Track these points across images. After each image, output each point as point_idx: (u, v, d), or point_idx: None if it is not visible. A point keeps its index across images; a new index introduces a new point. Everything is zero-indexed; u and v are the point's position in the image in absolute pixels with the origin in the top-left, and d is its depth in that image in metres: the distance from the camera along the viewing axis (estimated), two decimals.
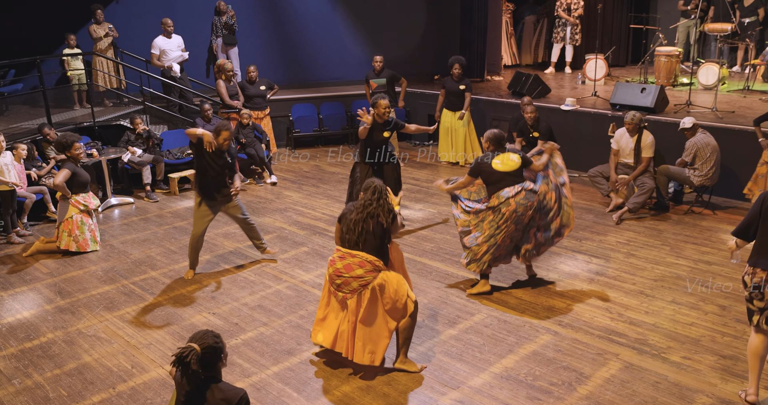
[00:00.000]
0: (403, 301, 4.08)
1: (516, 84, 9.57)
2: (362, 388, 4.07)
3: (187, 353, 2.67)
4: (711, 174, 6.65)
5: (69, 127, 8.36)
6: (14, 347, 4.68)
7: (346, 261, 4.06)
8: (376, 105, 6.20)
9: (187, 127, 9.21)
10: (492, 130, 5.24)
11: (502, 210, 4.97)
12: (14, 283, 5.77)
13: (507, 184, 5.01)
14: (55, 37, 9.56)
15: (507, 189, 4.99)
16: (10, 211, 6.72)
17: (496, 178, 5.05)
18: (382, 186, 4.15)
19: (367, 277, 4.03)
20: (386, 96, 6.38)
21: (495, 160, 5.08)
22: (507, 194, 4.97)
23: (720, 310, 4.90)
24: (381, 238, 4.10)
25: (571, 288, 5.35)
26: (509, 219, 4.96)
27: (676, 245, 6.14)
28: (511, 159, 5.09)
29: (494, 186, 5.06)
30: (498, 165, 5.06)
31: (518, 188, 4.99)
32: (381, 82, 9.07)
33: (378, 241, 4.09)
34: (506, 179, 5.03)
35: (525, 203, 4.96)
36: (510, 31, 12.58)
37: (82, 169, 6.44)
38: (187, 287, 5.57)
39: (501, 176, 5.04)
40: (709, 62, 9.46)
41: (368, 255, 4.04)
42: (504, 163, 5.07)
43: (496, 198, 5.01)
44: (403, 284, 4.12)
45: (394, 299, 4.06)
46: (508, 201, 4.95)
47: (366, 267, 4.03)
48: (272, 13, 11.29)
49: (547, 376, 4.13)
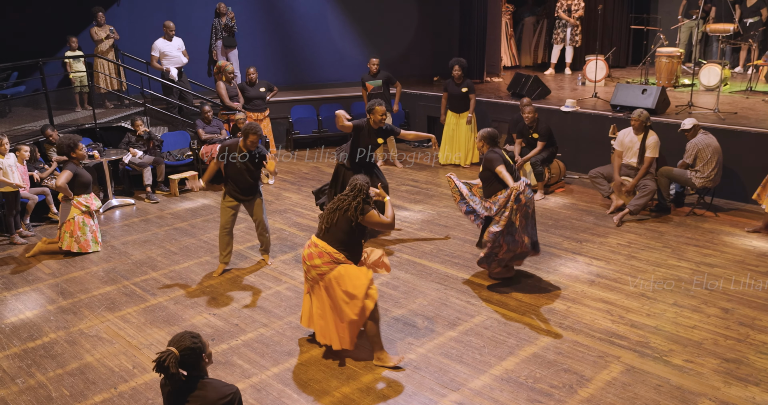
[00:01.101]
0: (361, 298, 4.12)
1: (516, 85, 9.57)
2: (362, 389, 4.07)
3: (165, 357, 2.71)
4: (713, 176, 6.64)
5: (70, 128, 8.37)
6: (17, 347, 4.69)
7: (310, 249, 4.24)
8: (373, 111, 6.17)
9: (188, 128, 9.23)
10: (485, 129, 5.39)
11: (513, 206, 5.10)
12: (17, 284, 5.78)
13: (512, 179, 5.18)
14: (57, 40, 9.57)
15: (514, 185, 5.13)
16: (13, 212, 6.73)
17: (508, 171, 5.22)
18: (363, 185, 4.24)
19: (324, 267, 4.16)
20: (383, 102, 6.38)
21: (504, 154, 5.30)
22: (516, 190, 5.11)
23: (723, 313, 4.89)
24: (348, 233, 4.20)
25: (572, 290, 5.34)
26: (519, 212, 5.09)
27: (677, 247, 6.13)
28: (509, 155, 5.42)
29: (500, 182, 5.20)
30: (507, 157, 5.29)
31: (522, 183, 5.14)
32: (377, 84, 9.09)
33: (344, 235, 4.19)
34: (514, 173, 5.24)
35: (529, 197, 5.14)
36: (510, 32, 12.58)
37: (84, 170, 6.46)
38: (187, 288, 5.58)
39: (512, 169, 5.25)
40: (711, 63, 9.46)
41: (329, 246, 4.17)
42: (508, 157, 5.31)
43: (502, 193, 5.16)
44: (364, 282, 4.15)
45: (350, 294, 4.13)
46: (518, 197, 5.10)
47: (324, 258, 4.16)
48: (272, 15, 11.30)
49: (548, 379, 4.12)
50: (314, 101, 10.79)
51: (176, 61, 9.44)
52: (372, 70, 9.08)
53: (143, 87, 9.31)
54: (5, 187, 6.55)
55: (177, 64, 9.45)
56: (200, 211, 7.64)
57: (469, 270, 5.76)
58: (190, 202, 8.04)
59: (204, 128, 8.58)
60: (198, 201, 8.07)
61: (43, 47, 9.47)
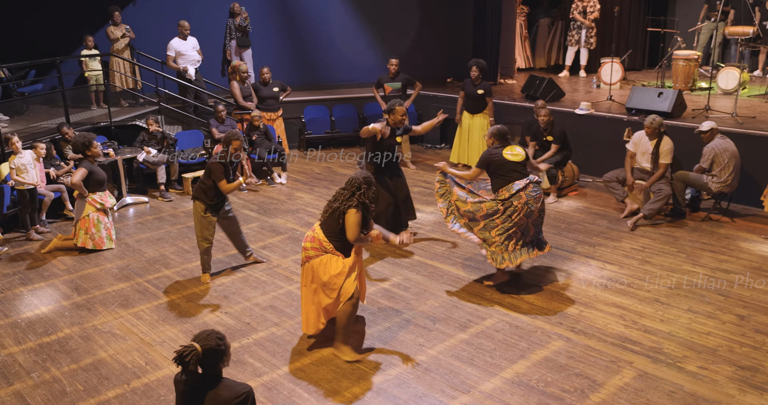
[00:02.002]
0: (336, 290, 4.29)
1: (530, 87, 9.52)
2: (373, 390, 4.06)
3: (188, 353, 2.70)
4: (730, 180, 6.57)
5: (86, 126, 8.45)
6: (33, 341, 4.74)
7: (308, 233, 4.47)
8: (393, 111, 6.14)
9: (201, 127, 9.28)
10: (496, 126, 5.38)
11: (514, 203, 5.04)
12: (33, 279, 5.84)
13: (516, 177, 5.12)
14: (74, 39, 9.67)
15: (517, 182, 5.09)
16: (29, 210, 6.80)
17: (507, 169, 5.15)
18: (359, 181, 4.31)
19: (311, 252, 4.37)
20: (402, 102, 6.34)
21: (506, 151, 5.21)
22: (518, 186, 5.07)
23: (738, 320, 4.84)
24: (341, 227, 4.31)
25: (585, 294, 5.31)
26: (521, 211, 5.03)
27: (692, 253, 6.07)
28: (517, 151, 5.26)
29: (503, 178, 5.14)
30: (509, 155, 5.18)
31: (527, 181, 5.10)
32: (396, 86, 9.02)
33: (336, 227, 4.32)
34: (516, 171, 5.15)
35: (534, 195, 5.07)
36: (524, 34, 12.52)
37: (99, 168, 6.51)
38: (200, 286, 5.61)
39: (512, 167, 5.16)
40: (729, 66, 9.36)
41: (322, 234, 4.36)
42: (514, 154, 5.21)
43: (506, 190, 5.09)
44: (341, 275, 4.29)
45: (325, 283, 4.31)
46: (519, 194, 5.04)
47: (314, 243, 4.37)
48: (286, 15, 11.33)
49: (559, 383, 4.10)
50: (327, 102, 10.81)
51: (192, 60, 9.50)
52: (391, 72, 8.98)
53: (158, 86, 9.37)
54: (20, 185, 6.63)
55: (192, 63, 9.51)
56: None
57: (480, 272, 5.74)
58: None
59: (218, 127, 8.63)
60: None
61: (60, 46, 9.57)
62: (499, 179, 5.16)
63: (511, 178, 5.12)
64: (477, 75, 8.70)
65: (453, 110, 9.43)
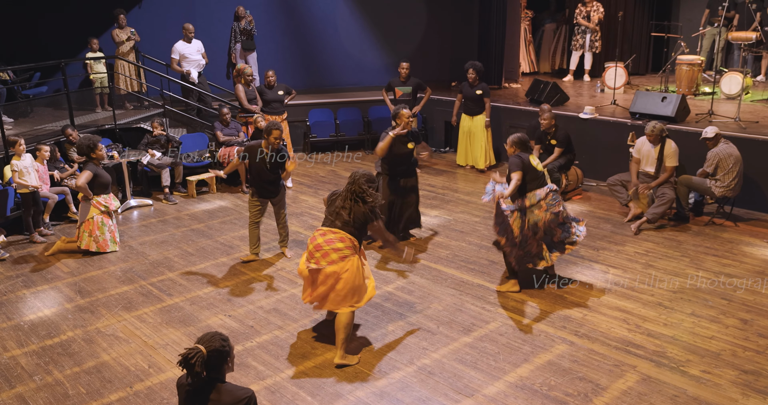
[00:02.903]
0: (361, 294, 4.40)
1: (534, 91, 9.53)
2: (376, 393, 4.06)
3: (193, 355, 2.70)
4: (733, 185, 6.56)
5: (91, 129, 8.48)
6: (35, 344, 4.75)
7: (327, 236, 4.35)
8: (399, 115, 6.15)
9: (206, 130, 9.31)
10: (516, 134, 5.37)
11: (535, 211, 5.11)
12: (36, 282, 5.85)
13: (538, 185, 5.17)
14: (79, 41, 9.71)
15: (539, 191, 5.14)
16: (31, 212, 6.82)
17: (530, 178, 5.17)
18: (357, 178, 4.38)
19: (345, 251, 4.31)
20: (407, 106, 6.34)
21: (531, 159, 5.24)
22: (540, 196, 5.13)
23: (741, 324, 4.83)
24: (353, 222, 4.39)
25: (588, 298, 5.30)
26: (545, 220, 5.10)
27: (696, 257, 6.06)
28: (538, 161, 5.32)
29: (527, 185, 5.16)
30: (534, 163, 5.23)
31: (547, 190, 5.16)
32: (407, 91, 9.03)
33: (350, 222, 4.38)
34: (538, 179, 5.19)
35: (553, 204, 5.14)
36: (528, 38, 12.54)
37: (104, 170, 6.53)
38: (203, 289, 5.62)
39: (536, 175, 5.19)
40: (732, 71, 9.35)
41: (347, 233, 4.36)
42: (537, 162, 5.28)
43: (528, 199, 5.15)
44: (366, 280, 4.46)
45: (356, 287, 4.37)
46: (540, 203, 5.11)
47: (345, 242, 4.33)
48: (291, 19, 11.37)
49: (563, 387, 4.09)
50: (332, 105, 10.82)
51: (196, 63, 9.53)
52: (402, 75, 9.00)
53: (163, 89, 9.40)
54: (22, 188, 6.65)
55: (197, 66, 9.54)
56: (217, 213, 7.70)
57: (484, 276, 5.74)
58: (207, 203, 8.10)
59: (222, 130, 8.65)
60: (215, 203, 8.13)
61: (65, 49, 9.61)
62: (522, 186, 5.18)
63: (533, 186, 5.16)
64: (474, 77, 8.74)
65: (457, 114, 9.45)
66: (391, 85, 9.11)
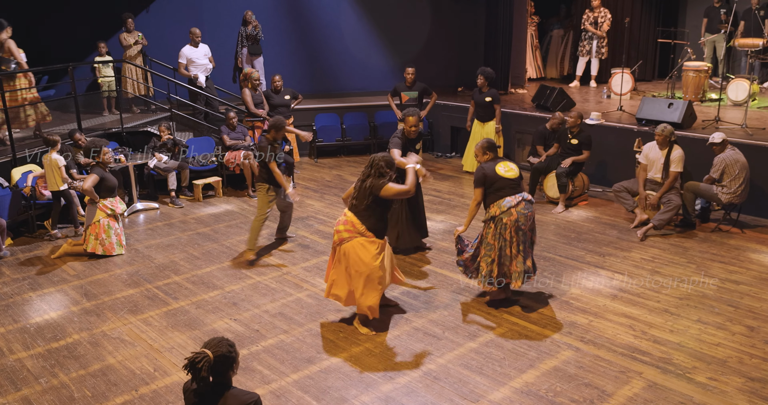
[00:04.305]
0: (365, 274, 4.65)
1: (540, 97, 9.54)
2: (381, 398, 4.06)
3: (200, 359, 2.71)
4: (740, 191, 6.54)
5: (98, 132, 8.53)
6: (41, 347, 4.76)
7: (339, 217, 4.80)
8: (405, 121, 6.14)
9: (213, 134, 9.34)
10: (485, 139, 5.18)
11: (504, 220, 4.87)
12: (42, 284, 5.88)
13: (508, 193, 4.93)
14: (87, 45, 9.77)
15: (509, 198, 4.90)
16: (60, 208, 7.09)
17: (499, 186, 4.95)
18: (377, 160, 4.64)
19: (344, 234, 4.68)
20: (417, 111, 6.27)
21: (499, 167, 5.00)
22: (509, 203, 4.89)
23: (748, 331, 4.80)
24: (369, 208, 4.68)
25: (594, 304, 5.29)
26: (511, 228, 4.88)
27: (702, 263, 6.04)
28: (510, 167, 5.05)
29: (495, 194, 4.95)
30: (502, 171, 4.98)
31: (519, 198, 4.93)
32: (413, 95, 9.05)
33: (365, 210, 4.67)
34: (508, 187, 4.95)
35: (525, 213, 4.91)
36: (535, 44, 12.56)
37: (110, 174, 6.57)
38: (209, 293, 5.63)
39: (504, 183, 4.96)
40: (738, 78, 9.34)
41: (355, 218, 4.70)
42: (507, 170, 5.02)
43: (496, 207, 4.92)
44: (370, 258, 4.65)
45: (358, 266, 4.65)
46: (510, 210, 4.87)
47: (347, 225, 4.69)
48: (297, 23, 11.43)
49: (568, 393, 4.08)
50: (338, 110, 10.86)
51: (203, 67, 9.58)
52: (408, 80, 9.03)
53: (170, 92, 9.45)
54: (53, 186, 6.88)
55: (204, 70, 9.59)
56: (223, 217, 7.72)
57: None
58: (213, 207, 8.13)
59: (229, 134, 8.68)
60: (221, 206, 8.15)
61: (73, 52, 9.68)
62: (491, 195, 4.97)
63: (501, 195, 4.92)
64: (483, 83, 8.76)
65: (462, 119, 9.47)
66: (397, 90, 9.13)
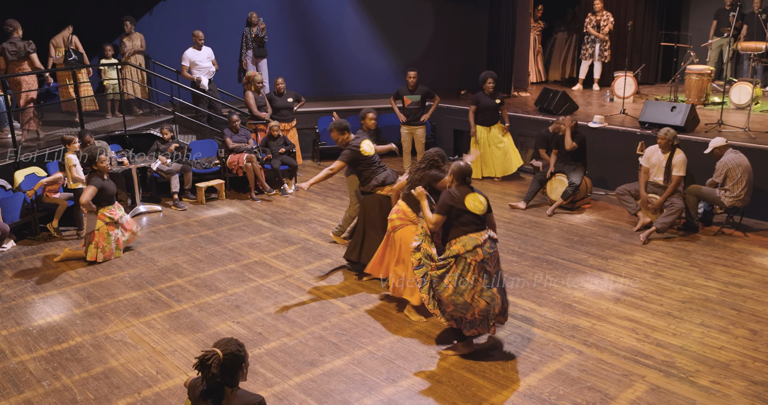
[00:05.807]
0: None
1: (543, 100, 9.54)
2: (384, 401, 4.06)
3: (210, 357, 2.75)
4: (742, 195, 6.53)
5: (101, 135, 8.55)
6: (44, 349, 4.77)
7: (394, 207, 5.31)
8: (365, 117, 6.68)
9: (216, 137, 9.36)
10: (458, 163, 4.44)
11: (468, 259, 4.29)
12: (46, 287, 5.89)
13: (472, 229, 4.34)
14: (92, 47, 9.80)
15: (474, 235, 4.32)
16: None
17: (464, 221, 4.35)
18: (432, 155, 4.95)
19: (396, 222, 5.18)
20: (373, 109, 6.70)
21: (468, 200, 4.35)
22: (475, 242, 4.30)
23: (751, 335, 4.80)
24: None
25: (597, 307, 5.28)
26: (476, 269, 4.31)
27: (705, 267, 6.03)
28: (480, 200, 4.39)
29: (459, 229, 4.36)
30: (471, 206, 4.34)
31: (485, 236, 4.36)
32: (415, 99, 9.04)
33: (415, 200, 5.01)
34: (474, 223, 4.36)
35: (491, 253, 4.37)
36: (538, 47, 12.57)
37: (109, 181, 6.48)
38: (211, 295, 5.63)
39: (471, 218, 4.35)
40: (742, 81, 9.33)
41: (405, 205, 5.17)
42: (476, 204, 4.36)
43: (460, 245, 4.32)
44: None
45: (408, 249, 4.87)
46: (476, 250, 4.29)
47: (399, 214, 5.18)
48: (301, 26, 11.45)
49: (571, 396, 4.07)
50: (341, 112, 10.83)
51: (206, 70, 9.60)
52: (410, 84, 9.02)
53: (173, 95, 9.48)
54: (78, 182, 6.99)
55: (207, 73, 9.61)
56: (226, 220, 7.73)
57: None
58: (216, 210, 8.14)
59: (231, 137, 8.70)
60: (224, 209, 8.16)
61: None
62: (455, 229, 4.37)
63: (465, 231, 4.33)
64: (493, 86, 8.77)
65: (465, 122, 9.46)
66: (400, 94, 9.13)
